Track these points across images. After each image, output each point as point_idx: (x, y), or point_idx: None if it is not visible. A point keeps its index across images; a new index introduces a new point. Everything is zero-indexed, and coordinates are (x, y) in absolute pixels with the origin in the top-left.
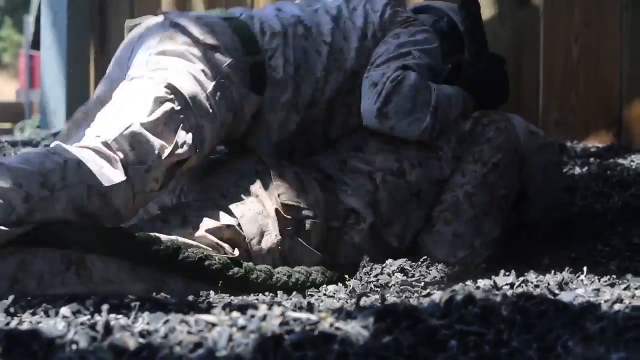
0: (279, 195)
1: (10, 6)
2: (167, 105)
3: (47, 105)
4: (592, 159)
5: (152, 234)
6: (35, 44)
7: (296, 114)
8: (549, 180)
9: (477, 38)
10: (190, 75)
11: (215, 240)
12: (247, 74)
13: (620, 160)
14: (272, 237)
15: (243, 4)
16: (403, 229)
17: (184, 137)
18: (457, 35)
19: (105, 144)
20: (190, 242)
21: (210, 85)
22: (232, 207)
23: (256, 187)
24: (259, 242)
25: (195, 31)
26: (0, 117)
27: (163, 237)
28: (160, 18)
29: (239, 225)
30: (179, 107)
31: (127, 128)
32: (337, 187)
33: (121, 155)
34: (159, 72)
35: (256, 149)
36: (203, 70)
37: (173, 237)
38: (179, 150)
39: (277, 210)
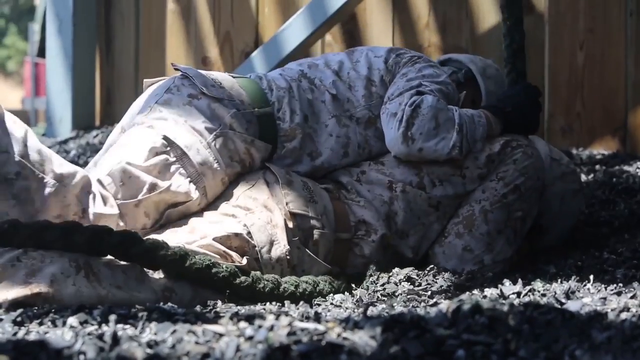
0: (287, 204)
1: (16, 14)
2: (162, 157)
3: (52, 114)
4: (597, 166)
5: (160, 239)
6: (41, 51)
7: (306, 159)
8: (565, 209)
9: (516, 67)
10: (189, 126)
11: (223, 248)
12: (254, 124)
13: (626, 168)
14: (280, 246)
15: (247, 8)
16: (419, 240)
17: (180, 181)
18: (473, 86)
19: (99, 181)
20: (198, 249)
21: (210, 135)
22: (242, 215)
23: (265, 196)
24: (269, 251)
25: (202, 83)
26: None
27: (171, 243)
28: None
29: (248, 234)
30: (174, 159)
31: (118, 163)
32: (349, 197)
33: (112, 191)
34: (159, 122)
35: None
36: (204, 121)
37: (181, 244)
38: (174, 189)
39: (285, 220)
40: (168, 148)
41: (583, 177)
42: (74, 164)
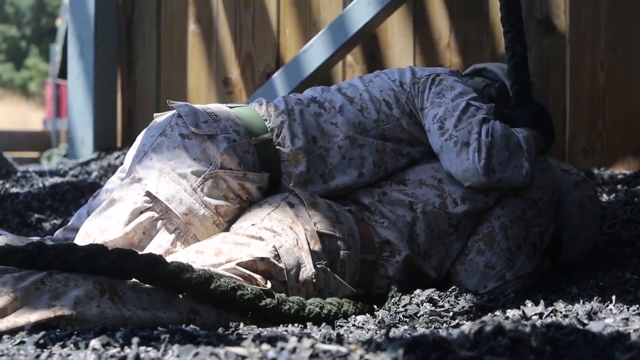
0: (315, 224)
1: (37, 35)
2: (147, 215)
3: (74, 135)
4: (619, 186)
5: (185, 262)
6: (62, 72)
7: (319, 181)
8: (586, 216)
9: (520, 78)
10: (174, 174)
11: (248, 272)
12: (252, 154)
13: None
14: (307, 269)
15: (268, 29)
16: (442, 260)
17: (166, 237)
18: (504, 101)
19: None
20: (223, 272)
21: (197, 179)
22: (269, 237)
23: (289, 218)
24: (296, 274)
25: (193, 122)
26: (27, 146)
27: (196, 266)
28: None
29: (275, 256)
30: (159, 213)
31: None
32: (373, 218)
33: None
34: (146, 172)
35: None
36: (192, 165)
37: (206, 267)
38: (161, 249)
39: (314, 240)
40: (152, 203)
41: (605, 197)
42: (96, 185)
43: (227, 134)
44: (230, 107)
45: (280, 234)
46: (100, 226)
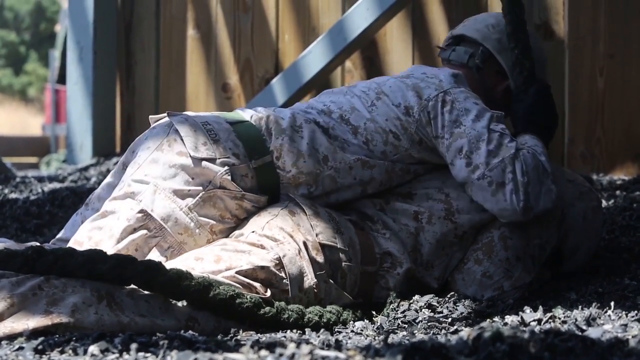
0: (317, 235)
1: (36, 40)
2: (141, 233)
3: (73, 140)
4: (618, 192)
5: (184, 269)
6: (61, 78)
7: (320, 198)
8: (589, 227)
9: (525, 67)
10: (170, 191)
11: (247, 280)
12: (251, 177)
13: None
14: (309, 279)
15: (267, 34)
16: (444, 270)
17: (158, 255)
18: (493, 66)
19: None
20: (222, 280)
21: (193, 199)
22: (271, 246)
23: (289, 227)
24: (298, 283)
25: (191, 145)
26: (27, 152)
27: (195, 273)
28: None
29: (275, 265)
30: (153, 231)
31: None
32: (374, 228)
33: None
34: (141, 187)
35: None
36: (189, 182)
37: (205, 274)
38: None
39: (316, 251)
40: (146, 221)
41: (603, 203)
42: (94, 190)
43: (225, 159)
44: (231, 124)
45: (283, 242)
46: (92, 237)
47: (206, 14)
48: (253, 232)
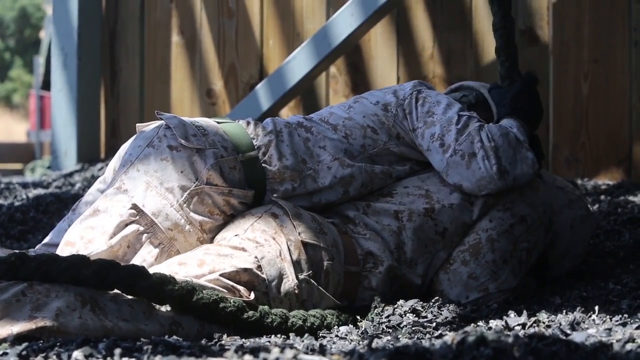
0: (299, 234)
1: (21, 47)
2: (133, 228)
3: (57, 146)
4: (602, 197)
5: (167, 274)
6: (46, 84)
7: (304, 199)
8: (576, 236)
9: (512, 54)
10: (161, 188)
11: (231, 283)
12: (238, 170)
13: (631, 198)
14: (289, 281)
15: (251, 40)
16: (427, 268)
17: (151, 251)
18: (484, 107)
19: None
20: (206, 283)
21: (183, 195)
22: (252, 248)
23: (272, 229)
24: (278, 285)
25: (182, 134)
26: (11, 158)
27: (178, 277)
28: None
29: (258, 267)
30: (144, 227)
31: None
32: (356, 231)
33: None
34: (133, 184)
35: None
36: (179, 178)
37: (188, 278)
38: (146, 263)
39: (298, 251)
40: (138, 216)
41: None
42: (79, 197)
43: (215, 149)
44: (218, 122)
45: (263, 244)
46: (84, 237)
47: (190, 19)
48: (236, 235)
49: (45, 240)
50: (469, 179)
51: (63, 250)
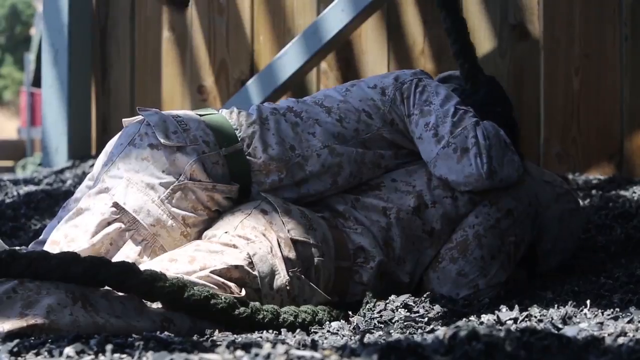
0: (288, 231)
1: (12, 44)
2: (115, 226)
3: (48, 143)
4: (593, 191)
5: (158, 270)
6: (36, 81)
7: (291, 190)
8: (564, 230)
9: (470, 56)
10: (142, 184)
11: (222, 280)
12: (222, 165)
13: (622, 192)
14: (281, 277)
15: (242, 36)
16: (415, 266)
17: (133, 248)
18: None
19: None
20: (197, 280)
21: (165, 191)
22: (243, 245)
23: (262, 226)
24: (270, 281)
25: (162, 133)
26: (2, 155)
27: (169, 274)
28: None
29: (249, 264)
30: (127, 224)
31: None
32: (347, 225)
33: None
34: (114, 182)
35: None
36: (160, 176)
37: (179, 275)
38: (129, 259)
39: (288, 248)
40: (119, 214)
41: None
42: (70, 193)
43: (196, 145)
44: (201, 115)
45: (254, 241)
46: (67, 235)
47: (181, 16)
48: (226, 232)
49: (39, 239)
50: (457, 173)
51: (48, 249)
